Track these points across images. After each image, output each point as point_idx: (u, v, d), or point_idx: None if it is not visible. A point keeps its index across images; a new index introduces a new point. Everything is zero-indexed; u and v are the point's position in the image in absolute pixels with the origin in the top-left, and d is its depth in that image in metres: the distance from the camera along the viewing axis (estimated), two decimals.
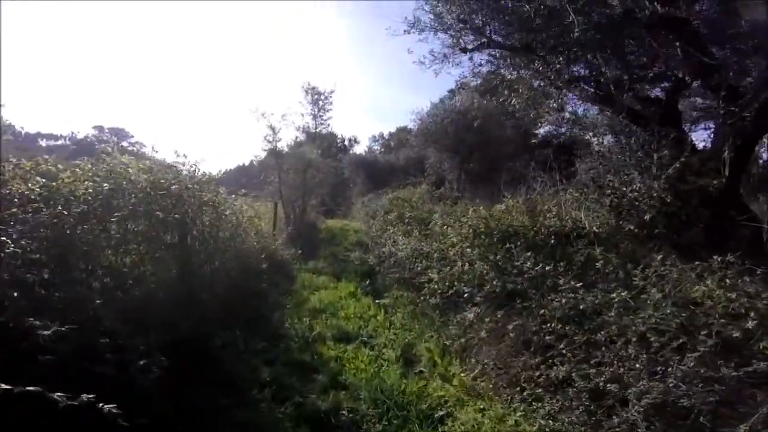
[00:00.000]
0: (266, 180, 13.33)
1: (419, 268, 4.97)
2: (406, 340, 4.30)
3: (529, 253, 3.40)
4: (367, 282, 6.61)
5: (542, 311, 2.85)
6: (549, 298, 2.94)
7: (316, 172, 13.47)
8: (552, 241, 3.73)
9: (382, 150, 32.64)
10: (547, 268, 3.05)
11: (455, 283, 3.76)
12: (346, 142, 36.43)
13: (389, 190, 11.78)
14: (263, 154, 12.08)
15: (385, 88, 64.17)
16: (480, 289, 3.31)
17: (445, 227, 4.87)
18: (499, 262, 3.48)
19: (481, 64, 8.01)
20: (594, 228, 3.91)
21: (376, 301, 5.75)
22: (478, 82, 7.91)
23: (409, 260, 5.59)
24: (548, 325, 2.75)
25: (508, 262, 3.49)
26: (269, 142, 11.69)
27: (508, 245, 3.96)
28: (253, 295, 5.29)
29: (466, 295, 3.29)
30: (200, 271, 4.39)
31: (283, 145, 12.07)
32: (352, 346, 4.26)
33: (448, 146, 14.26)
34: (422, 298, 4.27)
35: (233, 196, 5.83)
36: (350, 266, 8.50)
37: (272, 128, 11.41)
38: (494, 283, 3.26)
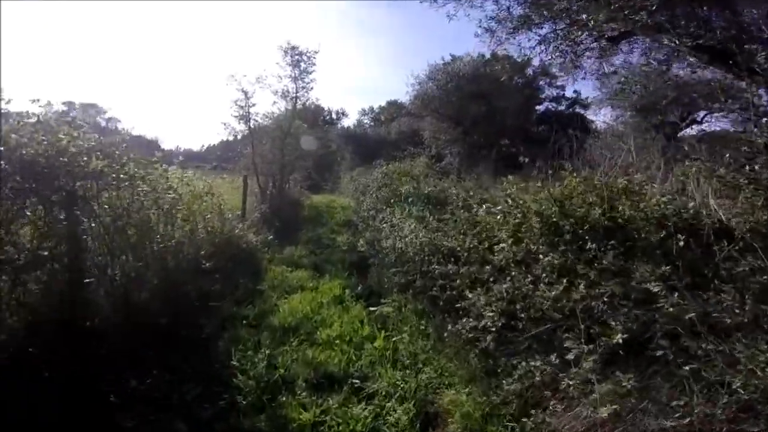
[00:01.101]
0: (242, 152, 11.60)
1: (437, 272, 3.38)
2: (422, 384, 2.79)
3: (665, 268, 1.84)
4: (359, 284, 5.00)
5: (731, 380, 1.34)
6: (738, 352, 1.42)
7: (296, 142, 11.66)
8: (680, 242, 2.20)
9: (372, 124, 30.56)
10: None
11: (517, 310, 2.19)
12: (334, 115, 34.04)
13: (384, 162, 10.10)
14: (234, 122, 10.16)
15: (376, 66, 60.24)
16: (587, 334, 1.75)
17: (493, 212, 3.14)
18: (615, 281, 1.90)
19: (510, 6, 6.32)
20: (734, 221, 2.39)
21: (371, 309, 4.21)
22: (507, 27, 6.19)
23: (419, 256, 4.00)
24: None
25: (620, 282, 1.93)
26: (241, 107, 9.81)
27: (590, 246, 2.40)
28: (192, 309, 3.61)
29: (570, 355, 1.71)
30: (92, 281, 2.69)
31: (257, 110, 10.17)
32: (337, 399, 2.70)
33: (450, 116, 12.52)
34: (450, 326, 2.70)
35: (165, 165, 3.99)
36: (336, 254, 6.91)
37: (244, 92, 9.65)
38: (613, 322, 1.70)
